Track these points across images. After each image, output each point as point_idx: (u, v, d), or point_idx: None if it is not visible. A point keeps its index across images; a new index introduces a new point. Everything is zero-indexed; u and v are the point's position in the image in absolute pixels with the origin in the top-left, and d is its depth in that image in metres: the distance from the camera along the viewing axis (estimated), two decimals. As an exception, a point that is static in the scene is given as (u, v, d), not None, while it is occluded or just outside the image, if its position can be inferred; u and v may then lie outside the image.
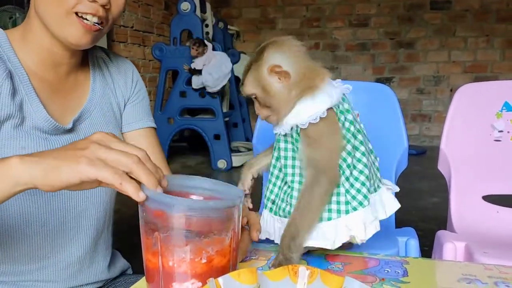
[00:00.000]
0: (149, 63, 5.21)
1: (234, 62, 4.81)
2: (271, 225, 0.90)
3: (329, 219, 0.82)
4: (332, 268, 0.75)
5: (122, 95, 0.98)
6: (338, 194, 0.84)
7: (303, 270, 0.56)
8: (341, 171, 0.84)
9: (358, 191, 0.84)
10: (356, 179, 0.85)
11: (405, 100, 6.01)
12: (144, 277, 0.62)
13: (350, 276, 0.54)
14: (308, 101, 0.86)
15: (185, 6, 4.47)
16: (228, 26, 5.81)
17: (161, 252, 0.57)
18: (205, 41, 4.34)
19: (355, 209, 0.83)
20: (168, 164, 1.06)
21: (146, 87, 5.29)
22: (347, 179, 0.84)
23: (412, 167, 1.55)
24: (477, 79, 5.71)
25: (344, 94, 0.89)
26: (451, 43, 5.94)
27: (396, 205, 0.91)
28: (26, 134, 0.80)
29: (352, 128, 0.87)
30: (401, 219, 1.41)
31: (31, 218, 0.82)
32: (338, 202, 0.83)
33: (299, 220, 0.81)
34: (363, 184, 0.84)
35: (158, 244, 0.57)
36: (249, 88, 0.89)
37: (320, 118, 0.83)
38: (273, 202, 0.91)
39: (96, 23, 0.79)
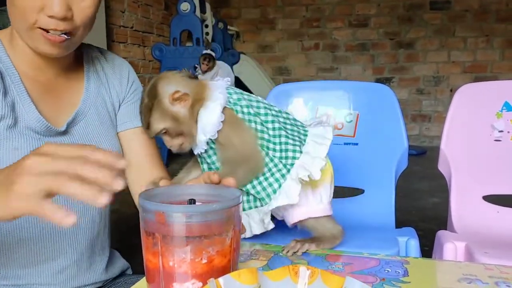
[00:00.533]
0: (149, 63, 5.21)
1: (234, 62, 4.82)
2: (246, 222, 0.95)
3: (279, 182, 0.92)
4: (333, 268, 0.75)
5: (117, 95, 0.97)
6: (275, 164, 0.93)
7: (304, 270, 0.55)
8: (265, 149, 0.92)
9: (292, 151, 0.93)
10: (283, 149, 0.93)
11: (405, 101, 6.01)
12: (145, 277, 0.62)
13: (351, 276, 0.54)
14: (205, 114, 0.90)
15: (184, 7, 4.47)
16: (228, 27, 5.82)
17: (162, 252, 0.57)
18: (212, 54, 4.33)
19: (292, 164, 0.93)
20: (168, 165, 1.06)
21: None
22: (274, 150, 0.93)
23: (412, 168, 1.55)
24: (477, 79, 5.71)
25: (228, 87, 0.94)
26: (450, 43, 5.94)
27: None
28: (19, 135, 0.79)
29: (251, 110, 0.93)
30: (401, 219, 1.41)
31: (27, 222, 0.82)
32: (279, 170, 0.92)
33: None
34: (293, 151, 0.93)
35: (159, 244, 0.57)
36: (158, 125, 0.90)
37: (222, 122, 0.89)
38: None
39: (63, 33, 0.76)
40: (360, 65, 6.24)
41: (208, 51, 4.33)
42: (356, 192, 1.40)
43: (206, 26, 4.94)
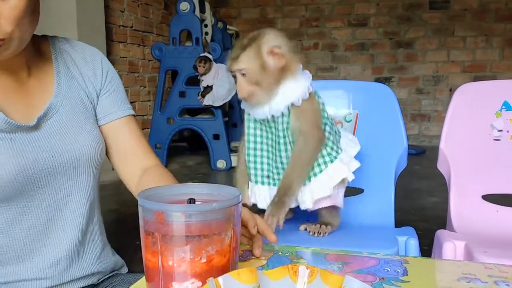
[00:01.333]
0: (149, 63, 5.21)
1: (234, 62, 4.81)
2: (259, 195, 1.11)
3: (315, 175, 1.08)
4: (332, 268, 0.75)
5: (93, 86, 0.95)
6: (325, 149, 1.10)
7: (303, 269, 0.55)
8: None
9: (331, 148, 1.11)
10: (326, 144, 1.10)
11: (404, 100, 6.01)
12: (144, 276, 0.62)
13: (350, 275, 0.54)
14: (292, 83, 1.02)
15: (184, 6, 4.46)
16: (227, 26, 5.81)
17: (161, 252, 0.57)
18: (208, 56, 4.31)
19: (332, 161, 1.09)
20: (168, 164, 1.07)
21: (146, 87, 5.28)
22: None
23: (411, 167, 1.55)
24: (476, 79, 5.71)
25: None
26: (450, 42, 5.94)
27: (356, 164, 1.15)
28: None
29: (322, 106, 1.10)
30: (400, 219, 1.41)
31: (16, 219, 0.83)
32: (324, 155, 1.10)
33: (292, 174, 1.04)
34: (331, 148, 1.10)
35: (158, 243, 0.57)
36: (245, 63, 1.00)
37: (304, 97, 1.03)
38: (263, 176, 1.12)
39: None
40: (359, 64, 6.24)
41: (205, 54, 4.32)
42: (355, 191, 1.40)
43: (206, 25, 4.93)
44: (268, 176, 1.12)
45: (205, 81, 4.24)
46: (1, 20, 0.73)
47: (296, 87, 1.02)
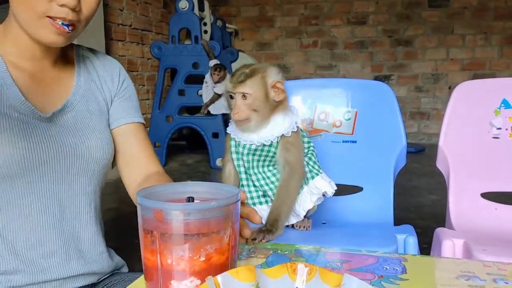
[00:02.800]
0: (148, 61, 5.20)
1: (233, 60, 4.81)
2: (260, 215, 1.12)
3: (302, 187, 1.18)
4: (331, 266, 0.75)
5: (109, 91, 1.01)
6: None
7: (302, 268, 0.55)
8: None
9: (312, 167, 1.21)
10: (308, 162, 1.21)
11: (403, 98, 6.01)
12: (143, 275, 0.62)
13: (349, 273, 0.54)
14: (282, 117, 1.13)
15: (183, 5, 4.46)
16: (227, 25, 5.81)
17: (160, 250, 0.57)
18: (223, 64, 4.32)
19: (313, 177, 1.18)
20: (167, 163, 1.09)
21: (145, 85, 5.27)
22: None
23: (411, 165, 1.55)
24: (475, 77, 5.72)
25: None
26: (449, 40, 5.94)
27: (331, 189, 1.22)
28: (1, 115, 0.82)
29: (307, 139, 1.22)
30: (399, 217, 1.41)
31: (15, 201, 0.84)
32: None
33: (280, 207, 1.12)
34: (313, 166, 1.21)
35: (157, 242, 0.57)
36: (251, 88, 1.09)
37: (292, 131, 1.13)
38: (259, 196, 1.20)
39: (66, 25, 0.82)
40: (358, 62, 6.24)
41: (218, 62, 4.32)
42: (354, 189, 1.40)
43: (205, 24, 4.93)
44: (264, 195, 1.20)
45: (218, 88, 4.23)
46: (84, 6, 0.83)
47: (285, 120, 1.13)
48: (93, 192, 0.96)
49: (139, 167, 1.02)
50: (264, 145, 1.13)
